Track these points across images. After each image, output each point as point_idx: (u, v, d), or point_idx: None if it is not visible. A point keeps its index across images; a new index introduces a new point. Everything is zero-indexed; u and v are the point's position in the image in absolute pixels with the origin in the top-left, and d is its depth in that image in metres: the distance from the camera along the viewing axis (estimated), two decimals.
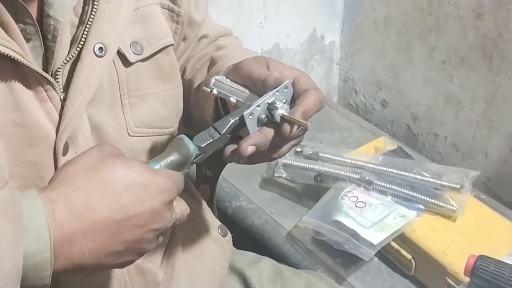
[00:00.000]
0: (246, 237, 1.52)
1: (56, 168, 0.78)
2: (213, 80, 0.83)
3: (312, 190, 1.59)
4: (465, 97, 1.86)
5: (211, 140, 0.75)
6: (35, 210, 0.61)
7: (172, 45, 0.93)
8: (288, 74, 0.80)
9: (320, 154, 1.58)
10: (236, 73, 0.84)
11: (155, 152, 0.91)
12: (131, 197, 0.66)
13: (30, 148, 0.76)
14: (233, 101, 0.81)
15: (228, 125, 0.76)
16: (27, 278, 0.61)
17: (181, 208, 0.73)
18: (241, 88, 0.82)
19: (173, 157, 0.73)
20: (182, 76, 1.06)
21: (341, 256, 1.42)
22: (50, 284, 0.63)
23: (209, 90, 0.83)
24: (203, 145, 0.75)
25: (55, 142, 0.77)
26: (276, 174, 1.63)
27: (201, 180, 1.26)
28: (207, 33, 1.08)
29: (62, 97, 0.78)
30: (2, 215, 0.60)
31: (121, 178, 0.66)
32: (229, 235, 1.11)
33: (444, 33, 1.85)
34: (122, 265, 0.70)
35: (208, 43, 1.09)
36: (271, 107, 0.77)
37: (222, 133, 0.76)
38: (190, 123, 1.04)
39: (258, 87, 0.80)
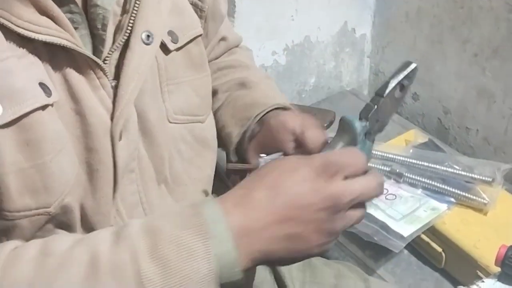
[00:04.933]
0: None
1: (114, 153, 0.80)
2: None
3: None
4: (498, 90, 1.84)
5: (376, 107, 0.77)
6: (216, 218, 0.67)
7: (201, 35, 0.95)
8: None
9: None
10: (300, 128, 0.90)
11: (191, 139, 0.93)
12: (285, 182, 0.70)
13: (90, 135, 0.78)
14: None
15: (389, 88, 0.77)
16: (222, 277, 0.66)
17: (363, 182, 0.72)
18: None
19: (342, 140, 0.76)
20: None
21: (371, 248, 1.42)
22: (243, 278, 0.68)
23: None
24: (369, 115, 0.76)
25: (111, 129, 0.79)
26: None
27: (231, 170, 1.27)
28: (226, 35, 1.12)
29: (113, 84, 0.80)
30: (191, 229, 0.66)
31: (273, 170, 0.71)
32: None
33: (476, 25, 1.84)
34: (318, 251, 0.72)
35: (226, 48, 1.14)
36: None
37: (385, 95, 0.77)
38: None
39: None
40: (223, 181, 1.12)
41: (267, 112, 1.00)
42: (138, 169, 0.86)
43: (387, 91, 0.77)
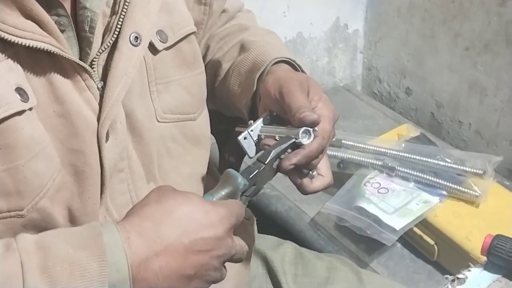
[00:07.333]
0: (270, 224, 1.54)
1: (100, 154, 0.81)
2: (259, 128, 0.91)
3: (335, 177, 1.57)
4: (490, 84, 1.85)
5: (257, 170, 0.82)
6: (115, 244, 0.68)
7: (194, 32, 0.95)
8: (323, 116, 0.86)
9: (343, 141, 1.58)
10: (280, 95, 0.88)
11: (181, 137, 0.94)
12: (193, 223, 0.71)
13: (75, 137, 0.79)
14: (278, 139, 0.88)
15: (271, 156, 0.83)
16: None
17: (240, 243, 0.77)
18: (281, 127, 0.89)
19: (225, 190, 0.80)
20: (206, 53, 1.09)
21: (363, 241, 1.43)
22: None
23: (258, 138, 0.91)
24: (250, 176, 0.81)
25: (97, 130, 0.80)
26: None
27: (224, 166, 1.28)
28: (226, 7, 1.12)
29: (99, 86, 0.81)
30: (87, 250, 0.66)
31: (181, 206, 0.72)
32: (253, 218, 1.12)
33: (468, 19, 1.84)
34: None
35: (227, 19, 1.13)
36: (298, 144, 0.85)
37: (266, 162, 0.83)
38: (212, 101, 1.05)
39: (292, 117, 0.85)
40: (216, 178, 1.12)
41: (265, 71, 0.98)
42: (128, 168, 0.87)
43: (269, 159, 0.83)
